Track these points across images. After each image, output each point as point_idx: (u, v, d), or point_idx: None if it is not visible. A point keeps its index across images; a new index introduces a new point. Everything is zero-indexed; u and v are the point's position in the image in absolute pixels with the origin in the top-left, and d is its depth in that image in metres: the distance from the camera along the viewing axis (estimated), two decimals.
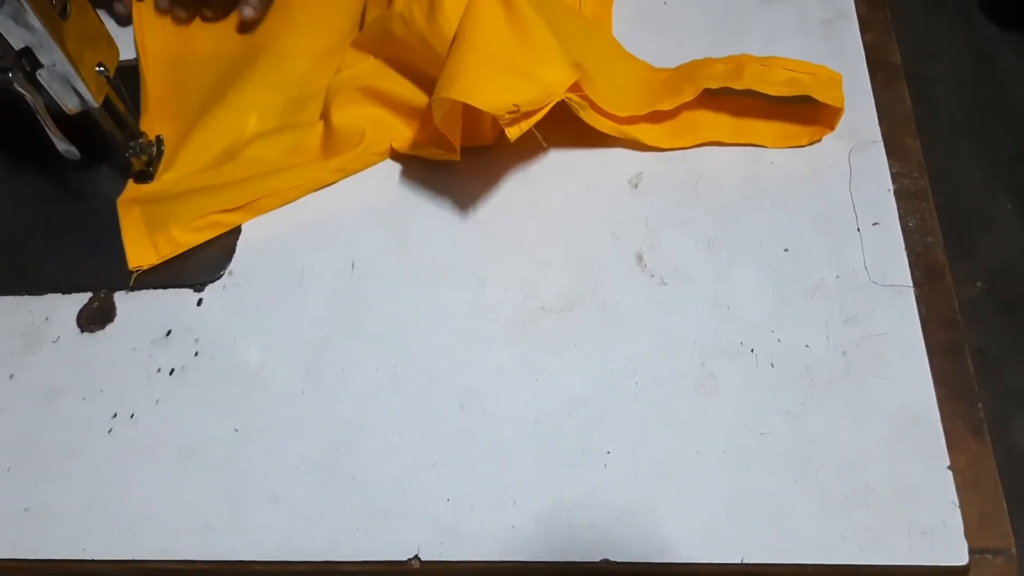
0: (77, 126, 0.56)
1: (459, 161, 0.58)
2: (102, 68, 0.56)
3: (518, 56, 0.52)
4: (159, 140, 0.64)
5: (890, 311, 0.51)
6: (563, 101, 0.52)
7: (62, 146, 0.56)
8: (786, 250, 0.54)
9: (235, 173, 0.61)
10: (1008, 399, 1.29)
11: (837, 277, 0.53)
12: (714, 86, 0.55)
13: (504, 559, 0.47)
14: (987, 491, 0.47)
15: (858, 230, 0.54)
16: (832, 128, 0.56)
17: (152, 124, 0.65)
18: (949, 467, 0.47)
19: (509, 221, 0.57)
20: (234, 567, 0.49)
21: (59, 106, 0.55)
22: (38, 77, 0.52)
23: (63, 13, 0.52)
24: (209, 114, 0.63)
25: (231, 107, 0.64)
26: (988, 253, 1.40)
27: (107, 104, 0.57)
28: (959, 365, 0.50)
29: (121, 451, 0.53)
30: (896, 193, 0.55)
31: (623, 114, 0.57)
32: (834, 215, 0.55)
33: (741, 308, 0.52)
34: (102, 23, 0.57)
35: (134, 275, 0.59)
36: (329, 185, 0.61)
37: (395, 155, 0.62)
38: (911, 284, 0.52)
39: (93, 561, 0.50)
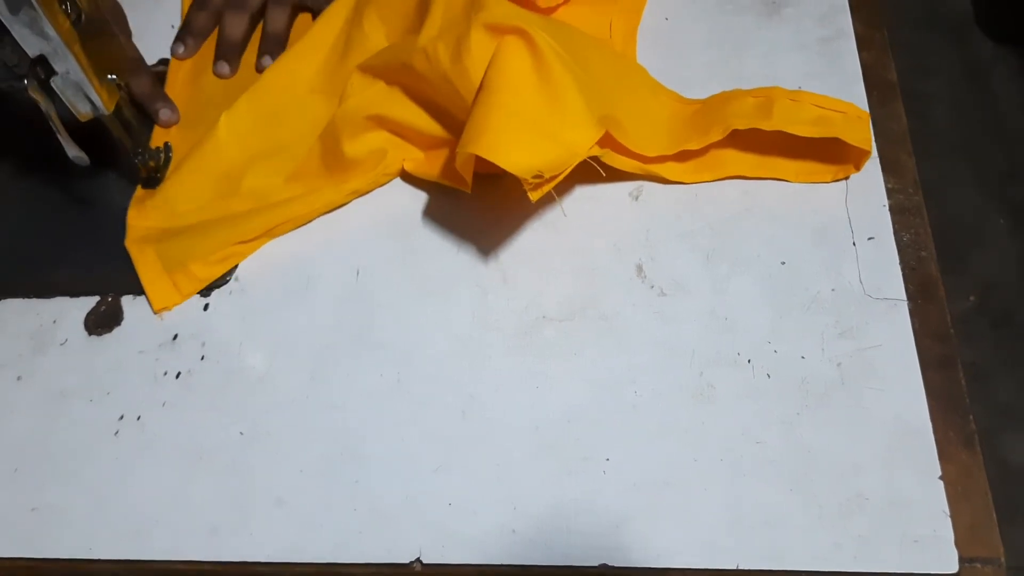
0: (87, 133, 0.57)
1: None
2: (114, 76, 0.56)
3: (544, 115, 0.52)
4: (167, 147, 0.65)
5: (884, 324, 0.52)
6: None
7: (72, 152, 0.57)
8: (783, 263, 0.55)
9: (244, 204, 0.61)
10: (999, 413, 1.31)
11: (833, 290, 0.54)
12: (743, 127, 0.55)
13: (504, 563, 0.48)
14: (978, 502, 0.48)
15: (854, 244, 0.55)
16: (858, 168, 0.57)
17: (168, 130, 0.66)
18: (940, 478, 0.48)
19: (512, 232, 0.58)
20: (239, 568, 0.50)
21: (70, 113, 0.56)
22: (52, 84, 0.53)
23: (77, 22, 0.53)
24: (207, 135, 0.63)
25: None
26: (980, 268, 1.41)
27: (117, 111, 0.58)
28: (951, 378, 0.51)
29: (128, 453, 0.54)
30: (891, 208, 0.56)
31: (651, 154, 0.57)
32: (830, 229, 0.56)
33: (739, 319, 0.53)
34: (115, 32, 0.58)
35: (161, 315, 0.59)
36: (343, 205, 0.61)
37: (405, 174, 0.62)
38: (905, 298, 0.53)
39: (99, 561, 0.51)
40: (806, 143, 0.56)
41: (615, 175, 0.59)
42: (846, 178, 0.57)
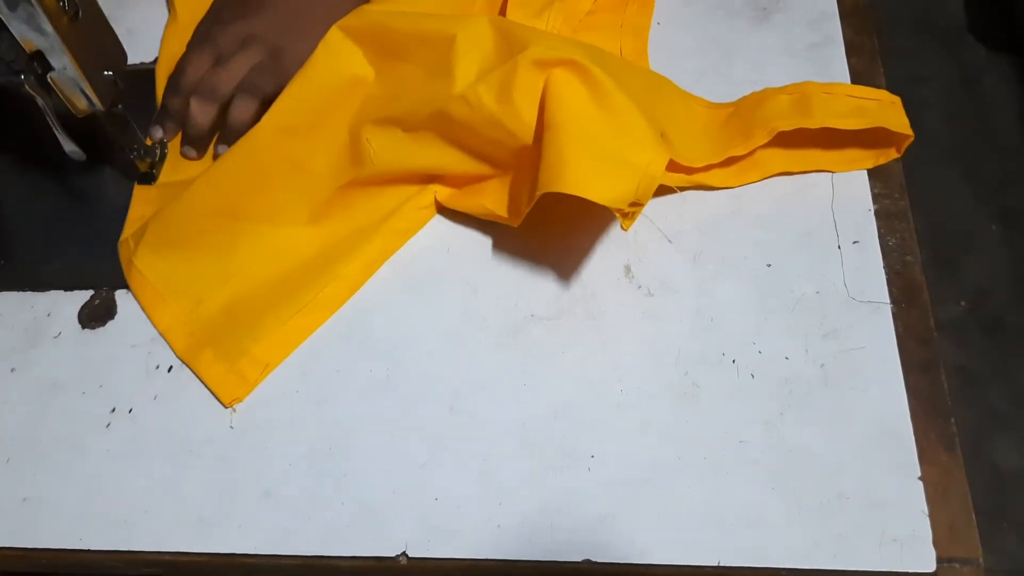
0: (84, 128, 0.58)
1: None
2: (110, 73, 0.57)
3: (615, 142, 0.51)
4: (163, 144, 0.65)
5: (868, 327, 0.53)
6: None
7: (68, 147, 0.57)
8: (769, 265, 0.56)
9: (274, 265, 0.59)
10: (989, 417, 1.31)
11: (817, 293, 0.54)
12: (788, 128, 0.55)
13: (489, 557, 0.49)
14: (957, 503, 0.48)
15: (839, 248, 0.56)
16: (900, 152, 0.57)
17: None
18: (920, 478, 0.48)
19: (502, 231, 0.59)
20: (226, 560, 0.51)
21: (67, 108, 0.56)
22: (48, 80, 0.54)
23: (75, 18, 0.53)
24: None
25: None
26: (972, 273, 1.42)
27: (113, 108, 0.59)
28: (934, 381, 0.52)
29: (119, 445, 0.54)
30: (877, 213, 0.57)
31: (699, 165, 0.57)
32: (816, 233, 0.56)
33: (724, 320, 0.54)
34: (111, 28, 0.58)
35: (233, 412, 0.55)
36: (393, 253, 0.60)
37: (441, 208, 0.61)
38: (888, 301, 0.54)
39: (89, 551, 0.52)
40: (843, 132, 0.56)
41: None
42: (884, 163, 0.58)
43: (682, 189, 0.59)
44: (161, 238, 0.59)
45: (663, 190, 0.57)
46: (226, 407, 0.55)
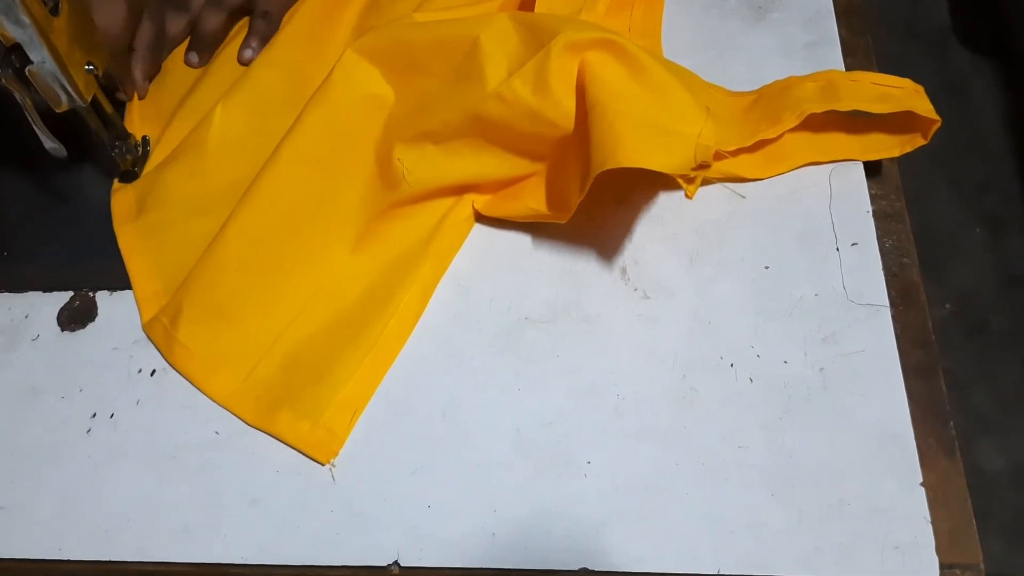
0: (64, 124, 0.56)
1: None
2: (91, 67, 0.55)
3: (660, 115, 0.50)
4: (145, 141, 0.64)
5: (867, 330, 0.52)
6: None
7: (49, 144, 0.56)
8: (767, 267, 0.55)
9: (320, 309, 0.56)
10: (974, 421, 1.32)
11: (816, 295, 0.53)
12: (819, 110, 0.54)
13: (483, 566, 0.48)
14: (957, 508, 0.48)
15: (837, 250, 0.55)
16: (927, 138, 0.56)
17: (134, 125, 0.65)
18: (922, 484, 0.48)
19: (496, 232, 0.58)
20: (212, 570, 0.49)
21: (47, 104, 0.55)
22: (27, 74, 0.52)
23: (55, 11, 0.52)
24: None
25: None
26: (957, 277, 1.43)
27: (95, 103, 0.57)
28: (932, 385, 0.51)
29: (100, 452, 0.53)
30: (874, 214, 0.56)
31: (731, 148, 0.55)
32: (814, 234, 0.56)
33: (722, 323, 0.53)
34: (93, 21, 0.57)
35: (333, 467, 0.51)
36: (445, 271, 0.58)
37: (480, 217, 0.59)
38: (887, 303, 0.53)
39: (69, 561, 0.50)
40: (864, 122, 0.56)
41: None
42: (911, 151, 0.57)
43: (714, 180, 0.58)
44: (201, 308, 0.56)
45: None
46: (323, 465, 0.51)
